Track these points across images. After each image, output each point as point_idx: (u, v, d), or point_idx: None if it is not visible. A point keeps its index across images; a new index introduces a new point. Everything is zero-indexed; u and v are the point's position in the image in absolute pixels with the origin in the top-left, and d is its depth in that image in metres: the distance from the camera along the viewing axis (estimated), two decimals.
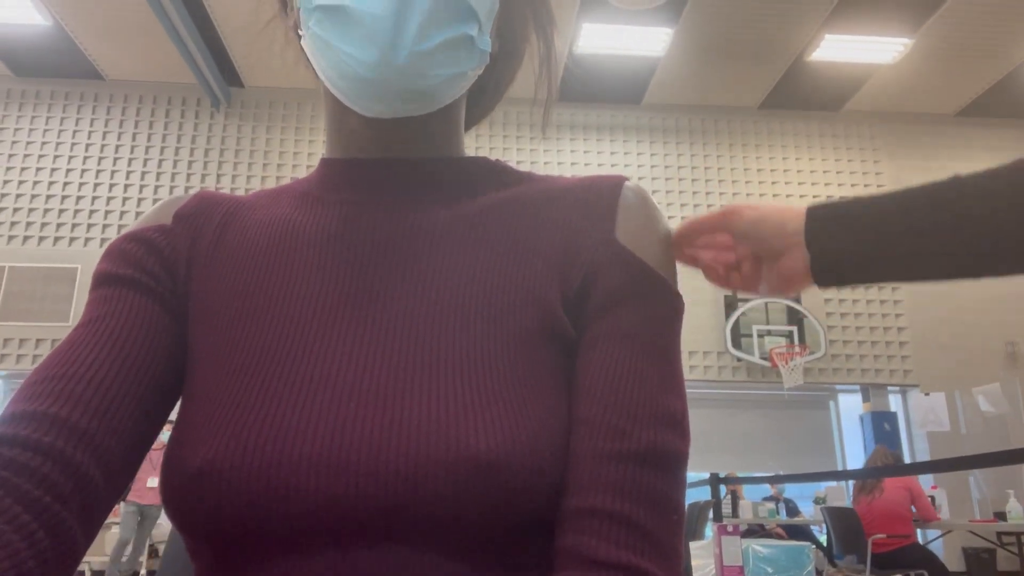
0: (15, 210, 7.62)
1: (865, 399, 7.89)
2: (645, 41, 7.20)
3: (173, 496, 0.47)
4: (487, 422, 0.46)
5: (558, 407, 0.49)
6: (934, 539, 6.32)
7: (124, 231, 0.59)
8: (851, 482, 5.89)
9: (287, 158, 8.06)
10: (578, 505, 0.46)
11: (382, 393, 0.47)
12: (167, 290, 0.56)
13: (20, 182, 7.70)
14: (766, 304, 7.74)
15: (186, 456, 0.47)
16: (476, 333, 0.50)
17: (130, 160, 7.90)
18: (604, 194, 0.57)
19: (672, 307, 0.54)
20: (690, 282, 0.73)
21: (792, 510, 6.60)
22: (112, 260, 0.56)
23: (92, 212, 7.69)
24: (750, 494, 6.72)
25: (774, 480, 5.45)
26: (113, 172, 7.84)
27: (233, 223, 0.59)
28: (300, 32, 0.53)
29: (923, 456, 7.61)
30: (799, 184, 8.38)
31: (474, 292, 0.52)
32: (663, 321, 0.53)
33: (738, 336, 7.59)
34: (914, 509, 4.87)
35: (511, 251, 0.54)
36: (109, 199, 7.76)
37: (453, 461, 0.44)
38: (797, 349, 7.50)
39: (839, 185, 8.40)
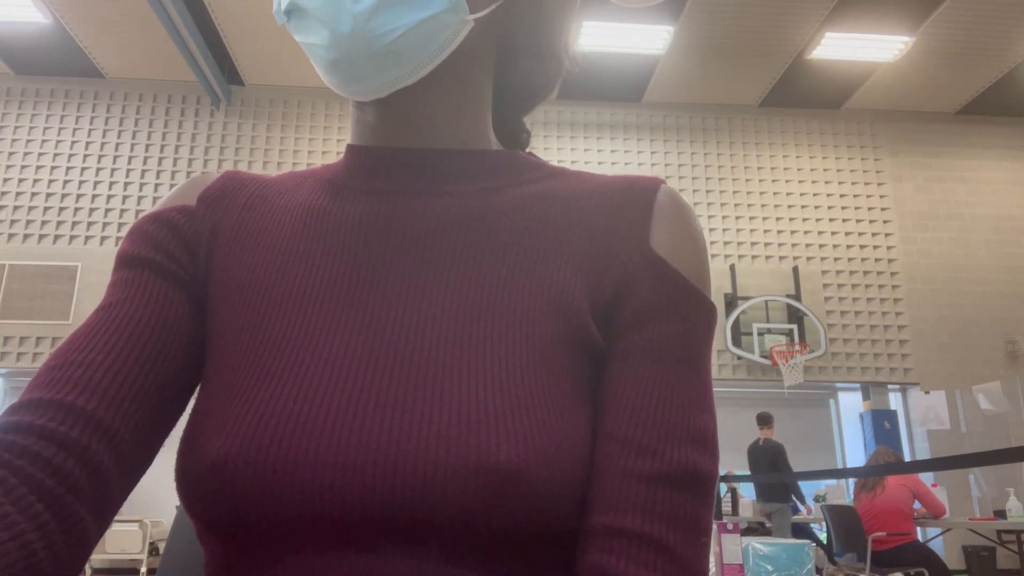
0: (15, 208, 7.63)
1: (865, 397, 7.89)
2: (646, 39, 7.20)
3: (187, 486, 0.47)
4: (508, 431, 0.44)
5: (582, 418, 0.48)
6: (934, 537, 6.32)
7: (149, 210, 0.57)
8: (851, 480, 5.89)
9: (287, 156, 8.06)
10: (605, 523, 0.45)
11: (402, 394, 0.46)
12: (188, 275, 0.54)
13: (20, 180, 7.71)
14: (766, 302, 7.75)
15: (202, 447, 0.46)
16: (500, 337, 0.49)
17: (130, 158, 7.91)
18: (638, 198, 0.54)
19: (707, 321, 0.52)
20: None
21: (792, 508, 6.60)
22: (135, 241, 0.55)
23: (92, 210, 7.69)
24: (749, 492, 6.72)
25: (774, 478, 5.45)
26: (113, 170, 7.85)
27: (256, 208, 0.57)
28: None
29: (923, 454, 7.62)
30: (799, 182, 8.38)
31: (500, 295, 0.50)
32: (697, 335, 0.51)
33: (738, 334, 7.59)
34: (918, 506, 4.86)
35: (540, 253, 0.53)
36: (109, 197, 7.77)
37: (472, 470, 0.43)
38: (797, 347, 7.50)
39: (839, 183, 8.40)
